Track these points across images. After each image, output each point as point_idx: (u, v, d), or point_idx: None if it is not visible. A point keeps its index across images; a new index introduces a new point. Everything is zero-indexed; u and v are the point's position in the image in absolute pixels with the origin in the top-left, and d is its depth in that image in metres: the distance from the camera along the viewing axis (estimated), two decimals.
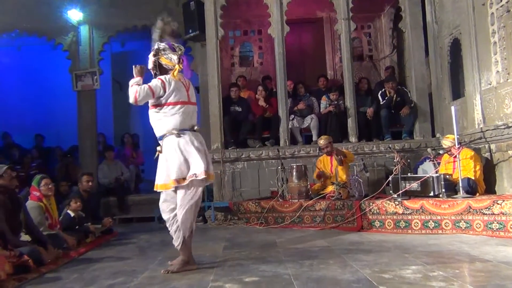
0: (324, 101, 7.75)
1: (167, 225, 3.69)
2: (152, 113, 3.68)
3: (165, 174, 3.60)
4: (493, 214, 4.56)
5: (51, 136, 10.16)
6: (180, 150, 3.56)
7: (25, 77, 10.73)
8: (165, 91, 3.59)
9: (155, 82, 3.60)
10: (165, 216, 3.70)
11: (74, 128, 9.27)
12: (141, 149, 9.94)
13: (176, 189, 3.60)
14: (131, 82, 3.63)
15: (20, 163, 8.64)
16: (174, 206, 3.63)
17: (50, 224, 4.88)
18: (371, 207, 5.37)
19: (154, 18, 3.91)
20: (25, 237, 4.28)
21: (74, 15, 8.89)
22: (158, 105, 3.63)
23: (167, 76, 3.64)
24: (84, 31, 9.12)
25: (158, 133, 3.68)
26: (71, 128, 9.42)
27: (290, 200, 6.17)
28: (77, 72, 9.07)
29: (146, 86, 3.57)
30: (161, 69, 3.72)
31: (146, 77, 3.75)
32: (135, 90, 3.54)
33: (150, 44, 3.80)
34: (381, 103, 7.53)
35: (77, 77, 9.06)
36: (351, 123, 7.45)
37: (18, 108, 10.57)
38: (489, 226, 4.56)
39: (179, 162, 3.55)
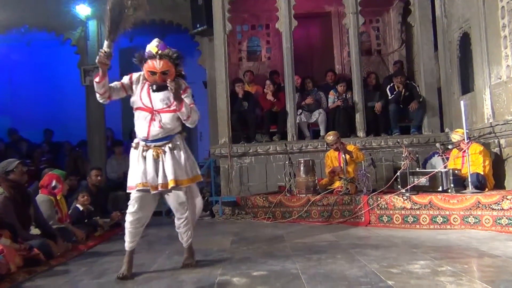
0: (332, 95, 7.73)
1: (187, 222, 3.53)
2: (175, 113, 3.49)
3: (186, 169, 3.48)
4: (502, 209, 4.53)
5: (60, 131, 10.21)
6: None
7: (34, 72, 10.78)
8: None
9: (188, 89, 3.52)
10: (190, 212, 3.57)
11: (82, 123, 9.33)
12: None
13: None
14: (188, 103, 3.41)
15: (29, 157, 8.71)
16: None
17: (60, 218, 4.93)
18: (379, 202, 5.36)
19: (163, 13, 3.80)
20: (35, 231, 4.33)
21: (82, 10, 8.92)
22: None
23: None
24: (92, 26, 9.16)
25: (173, 132, 3.49)
26: (79, 123, 9.48)
27: (298, 195, 6.17)
28: (85, 67, 9.09)
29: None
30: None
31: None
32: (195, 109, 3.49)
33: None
34: (390, 97, 7.47)
35: (86, 72, 9.08)
36: (359, 118, 7.42)
37: (27, 103, 10.66)
38: (498, 221, 4.54)
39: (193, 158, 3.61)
